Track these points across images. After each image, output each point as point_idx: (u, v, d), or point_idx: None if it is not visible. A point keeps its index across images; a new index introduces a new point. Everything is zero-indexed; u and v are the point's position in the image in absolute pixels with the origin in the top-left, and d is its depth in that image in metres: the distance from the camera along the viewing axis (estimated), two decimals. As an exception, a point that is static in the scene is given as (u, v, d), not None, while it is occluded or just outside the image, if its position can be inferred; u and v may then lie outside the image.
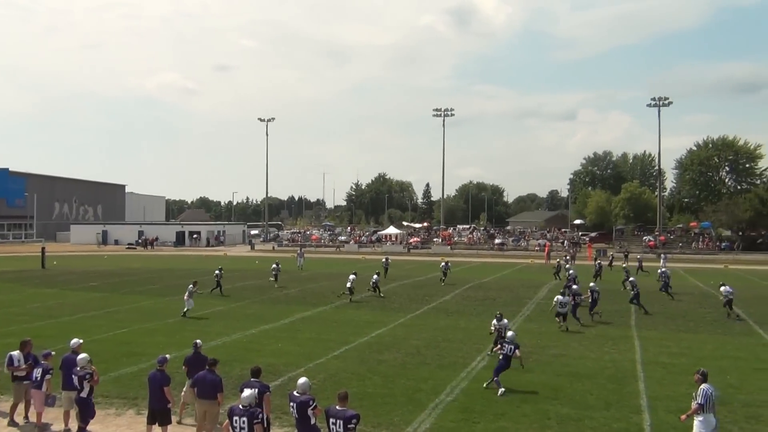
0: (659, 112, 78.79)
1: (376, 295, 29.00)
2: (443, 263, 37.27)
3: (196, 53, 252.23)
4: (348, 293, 28.31)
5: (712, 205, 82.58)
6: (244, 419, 8.26)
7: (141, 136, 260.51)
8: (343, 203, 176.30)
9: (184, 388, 11.54)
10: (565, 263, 41.44)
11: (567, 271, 33.11)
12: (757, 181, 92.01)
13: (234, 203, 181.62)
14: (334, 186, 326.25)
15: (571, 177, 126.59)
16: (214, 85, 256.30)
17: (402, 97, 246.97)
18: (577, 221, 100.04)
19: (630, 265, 42.24)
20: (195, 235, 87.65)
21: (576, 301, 22.01)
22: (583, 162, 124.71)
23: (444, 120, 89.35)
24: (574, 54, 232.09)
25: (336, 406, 8.20)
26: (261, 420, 8.36)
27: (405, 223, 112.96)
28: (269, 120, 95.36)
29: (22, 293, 30.93)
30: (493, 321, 17.57)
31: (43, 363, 11.40)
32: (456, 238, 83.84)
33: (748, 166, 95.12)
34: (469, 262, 55.39)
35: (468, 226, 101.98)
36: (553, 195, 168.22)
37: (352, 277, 29.15)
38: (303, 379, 8.98)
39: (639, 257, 46.62)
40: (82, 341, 11.84)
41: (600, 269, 38.59)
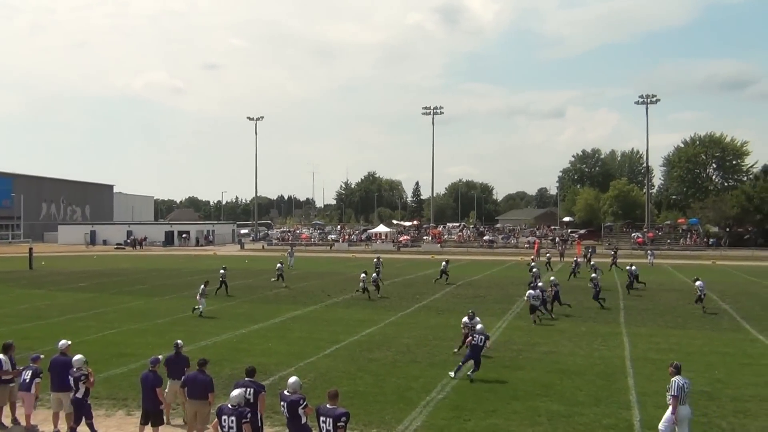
0: (647, 109, 79.49)
1: (368, 295, 28.64)
2: (444, 262, 36.17)
3: (184, 52, 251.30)
4: (361, 292, 28.46)
5: (699, 201, 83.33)
6: (233, 418, 8.24)
7: (129, 135, 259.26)
8: (333, 202, 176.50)
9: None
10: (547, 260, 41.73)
11: (531, 269, 32.85)
12: (744, 178, 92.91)
13: (223, 203, 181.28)
14: (324, 185, 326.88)
15: (560, 175, 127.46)
16: (202, 84, 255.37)
17: (391, 95, 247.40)
18: (566, 219, 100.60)
19: (600, 261, 42.51)
20: (184, 235, 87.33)
21: (543, 297, 22.93)
22: (572, 160, 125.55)
23: (433, 118, 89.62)
24: (562, 52, 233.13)
25: (326, 405, 8.19)
26: (249, 420, 8.34)
27: (395, 221, 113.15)
28: (258, 119, 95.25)
29: (10, 294, 30.68)
30: (464, 319, 16.80)
31: (33, 366, 11.32)
32: (446, 236, 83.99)
33: (734, 163, 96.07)
34: (459, 260, 55.47)
35: (458, 224, 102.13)
36: (542, 193, 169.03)
37: (363, 276, 29.27)
38: (293, 378, 8.97)
39: (613, 253, 46.79)
40: (70, 343, 11.75)
41: (577, 266, 38.78)
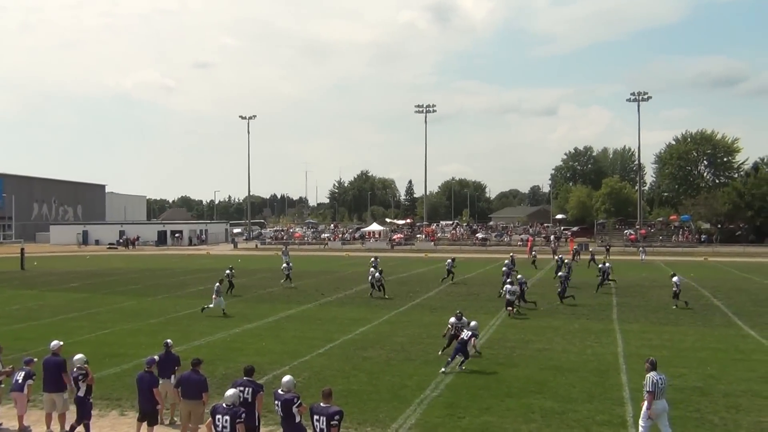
0: (639, 107, 79.73)
1: (382, 293, 28.27)
2: (449, 260, 35.23)
3: (175, 51, 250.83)
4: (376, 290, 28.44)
5: (691, 198, 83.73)
6: (227, 418, 8.21)
7: (120, 135, 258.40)
8: (326, 201, 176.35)
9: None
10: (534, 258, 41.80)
11: (532, 262, 32.89)
12: (735, 175, 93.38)
13: (216, 202, 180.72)
14: (317, 184, 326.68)
15: (553, 172, 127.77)
16: (193, 82, 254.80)
17: (384, 93, 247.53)
18: (559, 216, 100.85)
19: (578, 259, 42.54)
20: (177, 234, 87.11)
21: (523, 290, 24.46)
22: (564, 157, 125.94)
23: (426, 116, 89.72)
24: (554, 50, 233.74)
25: (320, 403, 8.18)
26: (243, 420, 8.32)
27: (388, 219, 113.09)
28: (251, 118, 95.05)
29: (2, 295, 30.47)
30: (452, 319, 16.49)
31: (26, 368, 11.28)
32: (439, 234, 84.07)
33: (725, 159, 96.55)
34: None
35: (451, 222, 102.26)
36: (534, 190, 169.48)
37: (372, 270, 29.25)
38: (287, 377, 8.95)
39: (591, 250, 46.85)
40: (62, 343, 11.70)
41: (562, 263, 38.60)
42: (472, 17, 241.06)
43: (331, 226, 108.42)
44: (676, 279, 25.45)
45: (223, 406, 8.36)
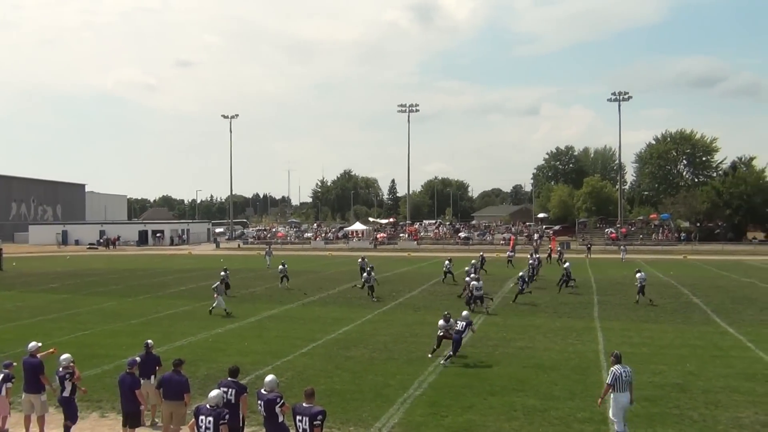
0: (620, 106, 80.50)
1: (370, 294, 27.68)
2: (446, 261, 34.35)
3: (157, 49, 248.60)
4: (362, 288, 28.38)
5: (670, 197, 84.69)
6: (210, 419, 8.15)
7: (100, 133, 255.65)
8: (309, 200, 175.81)
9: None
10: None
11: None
12: (714, 174, 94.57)
13: (198, 201, 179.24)
14: (300, 183, 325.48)
15: (535, 172, 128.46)
16: (175, 81, 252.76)
17: (366, 93, 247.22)
18: (541, 215, 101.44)
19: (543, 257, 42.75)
20: (158, 234, 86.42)
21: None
22: (546, 157, 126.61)
23: (409, 116, 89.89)
24: (536, 49, 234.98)
25: (302, 404, 8.14)
26: (227, 421, 8.27)
27: (371, 219, 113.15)
28: (233, 117, 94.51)
29: (-21, 296, 30.04)
30: (440, 321, 16.41)
31: (5, 371, 11.12)
32: (422, 234, 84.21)
33: (704, 159, 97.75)
34: (436, 257, 55.67)
35: (434, 222, 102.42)
36: (517, 189, 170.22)
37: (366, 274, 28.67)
38: (270, 377, 8.91)
39: (559, 249, 47.06)
40: (40, 344, 11.56)
41: (538, 264, 38.64)
42: (454, 17, 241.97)
43: (314, 225, 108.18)
44: (640, 275, 26.13)
45: (207, 407, 8.30)
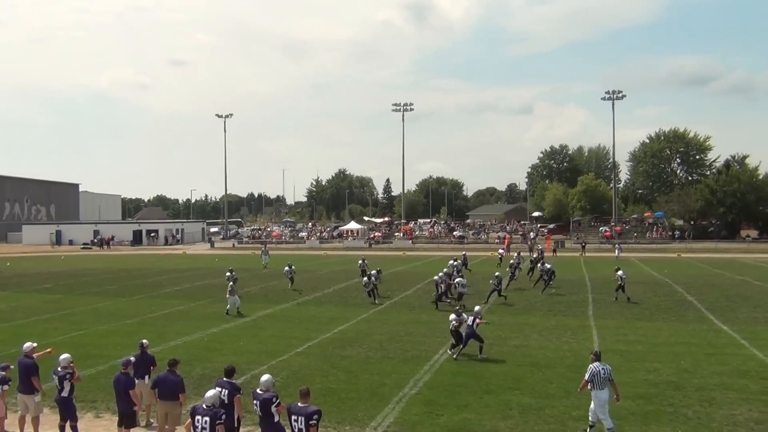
0: (613, 105, 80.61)
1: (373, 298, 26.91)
2: (451, 261, 32.14)
3: (150, 48, 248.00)
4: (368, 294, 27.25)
5: (664, 195, 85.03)
6: (206, 419, 8.13)
7: (94, 133, 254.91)
8: (304, 199, 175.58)
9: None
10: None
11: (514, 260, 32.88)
12: (707, 172, 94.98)
13: (192, 201, 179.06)
14: (294, 182, 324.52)
15: (529, 170, 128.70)
16: (169, 80, 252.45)
17: (361, 92, 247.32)
18: (536, 213, 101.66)
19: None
20: (153, 234, 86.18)
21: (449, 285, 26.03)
22: (541, 155, 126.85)
23: (403, 115, 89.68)
24: (530, 48, 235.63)
25: (298, 403, 8.13)
26: (224, 421, 8.25)
27: (366, 218, 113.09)
28: (227, 116, 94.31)
29: (-28, 297, 29.92)
30: (452, 316, 16.66)
31: (1, 373, 11.07)
32: (417, 233, 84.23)
33: (698, 157, 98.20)
34: (431, 256, 55.73)
35: (429, 221, 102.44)
36: (511, 188, 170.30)
37: (374, 273, 27.74)
38: (266, 377, 8.90)
39: (540, 248, 46.74)
40: (36, 345, 11.52)
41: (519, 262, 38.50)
42: (449, 16, 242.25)
43: (309, 224, 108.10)
44: (620, 273, 26.34)
45: (203, 407, 8.29)
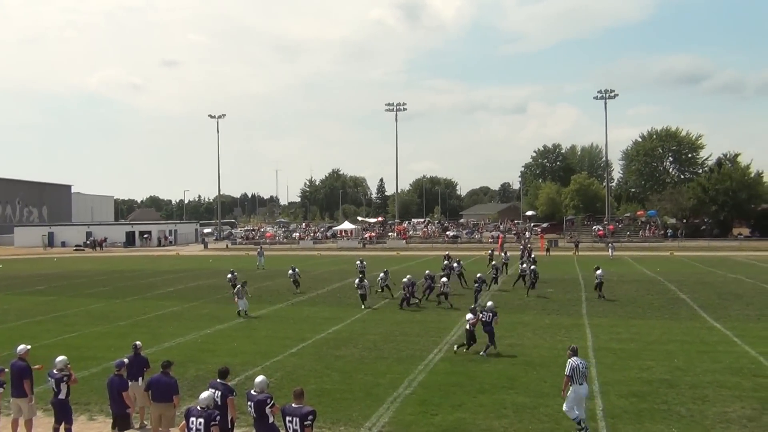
0: (605, 104, 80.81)
1: (390, 294, 27.49)
2: (455, 263, 32.08)
3: (142, 48, 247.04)
4: (381, 291, 27.73)
5: (657, 194, 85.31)
6: (201, 420, 8.10)
7: (86, 134, 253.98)
8: (297, 200, 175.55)
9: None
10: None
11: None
12: (699, 171, 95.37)
13: (185, 202, 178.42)
14: (288, 182, 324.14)
15: (522, 169, 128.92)
16: (161, 80, 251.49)
17: (354, 91, 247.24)
18: (529, 213, 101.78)
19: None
20: (146, 235, 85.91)
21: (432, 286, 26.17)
22: (534, 155, 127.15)
23: (396, 114, 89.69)
24: (522, 47, 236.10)
25: (292, 404, 8.12)
26: (218, 422, 8.23)
27: (360, 218, 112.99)
28: (220, 117, 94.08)
29: (-36, 300, 29.76)
30: (468, 315, 16.65)
31: None
32: (411, 232, 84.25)
33: (690, 156, 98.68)
34: (424, 256, 55.76)
35: (422, 220, 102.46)
36: (505, 187, 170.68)
37: (382, 275, 28.08)
38: (260, 378, 8.88)
39: (529, 246, 46.58)
40: (29, 347, 11.46)
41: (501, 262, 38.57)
42: (441, 15, 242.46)
43: (303, 225, 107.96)
44: (599, 272, 26.54)
45: (198, 408, 8.26)
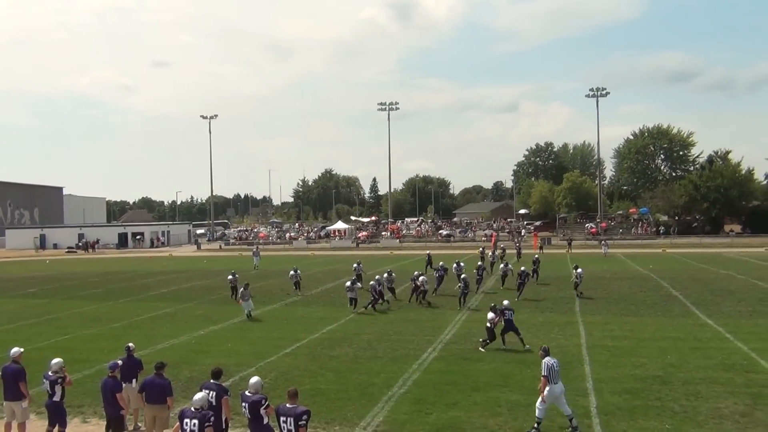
0: (597, 102, 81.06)
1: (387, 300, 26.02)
2: (455, 264, 30.57)
3: (133, 49, 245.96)
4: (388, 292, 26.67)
5: (649, 191, 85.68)
6: (195, 421, 8.08)
7: (77, 135, 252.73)
8: (290, 200, 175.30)
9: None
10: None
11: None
12: (691, 168, 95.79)
13: (178, 203, 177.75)
14: (281, 182, 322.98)
15: (515, 168, 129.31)
16: (152, 81, 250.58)
17: (346, 91, 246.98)
18: (522, 211, 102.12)
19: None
20: (138, 237, 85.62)
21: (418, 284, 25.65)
22: (526, 153, 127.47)
23: (389, 114, 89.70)
24: (514, 46, 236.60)
25: (286, 404, 8.11)
26: (212, 423, 8.21)
27: (353, 217, 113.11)
28: (212, 117, 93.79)
29: (-45, 303, 29.55)
30: (489, 314, 16.66)
31: None
32: (404, 232, 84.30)
33: (681, 153, 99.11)
34: (418, 255, 55.75)
35: (416, 219, 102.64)
36: (498, 186, 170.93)
37: (386, 276, 26.99)
38: (255, 378, 8.87)
39: (502, 246, 46.36)
40: (22, 350, 11.39)
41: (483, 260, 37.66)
42: (433, 14, 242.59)
43: (296, 225, 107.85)
44: (579, 271, 26.63)
45: (191, 410, 8.23)
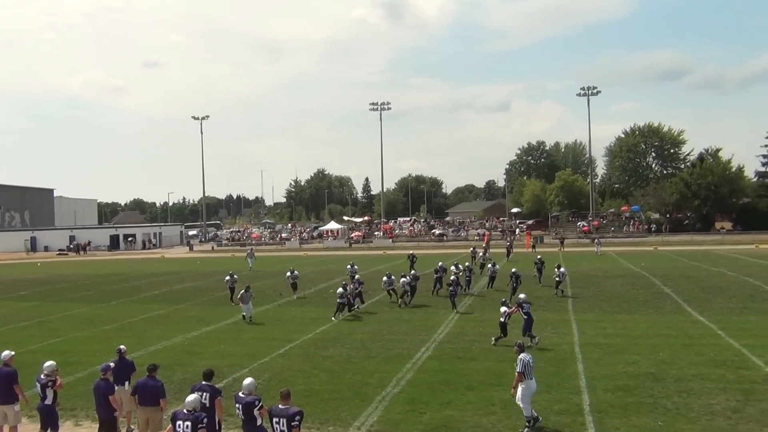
0: (588, 101, 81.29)
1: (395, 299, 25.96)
2: (455, 266, 29.10)
3: (123, 50, 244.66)
4: (392, 293, 26.40)
5: (640, 189, 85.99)
6: (188, 423, 8.06)
7: (68, 136, 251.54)
8: (283, 200, 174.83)
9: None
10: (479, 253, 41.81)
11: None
12: (682, 166, 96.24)
13: (170, 204, 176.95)
14: (273, 183, 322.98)
15: (507, 167, 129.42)
16: (143, 82, 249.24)
17: (338, 91, 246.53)
18: (515, 210, 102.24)
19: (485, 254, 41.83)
20: (130, 238, 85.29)
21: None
22: (518, 152, 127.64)
23: (381, 114, 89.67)
24: (505, 45, 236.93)
25: (279, 405, 8.09)
26: (205, 425, 8.19)
27: (346, 217, 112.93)
28: (203, 118, 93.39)
29: (-54, 306, 29.35)
30: (502, 309, 17.40)
31: None
32: (397, 231, 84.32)
33: (672, 151, 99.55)
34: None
35: (408, 219, 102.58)
36: (490, 185, 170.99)
37: (385, 279, 26.75)
38: (248, 380, 8.85)
39: (508, 243, 46.32)
40: (13, 353, 11.33)
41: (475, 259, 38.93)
42: (424, 13, 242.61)
43: (289, 225, 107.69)
44: (561, 270, 26.77)
45: (184, 411, 8.21)
